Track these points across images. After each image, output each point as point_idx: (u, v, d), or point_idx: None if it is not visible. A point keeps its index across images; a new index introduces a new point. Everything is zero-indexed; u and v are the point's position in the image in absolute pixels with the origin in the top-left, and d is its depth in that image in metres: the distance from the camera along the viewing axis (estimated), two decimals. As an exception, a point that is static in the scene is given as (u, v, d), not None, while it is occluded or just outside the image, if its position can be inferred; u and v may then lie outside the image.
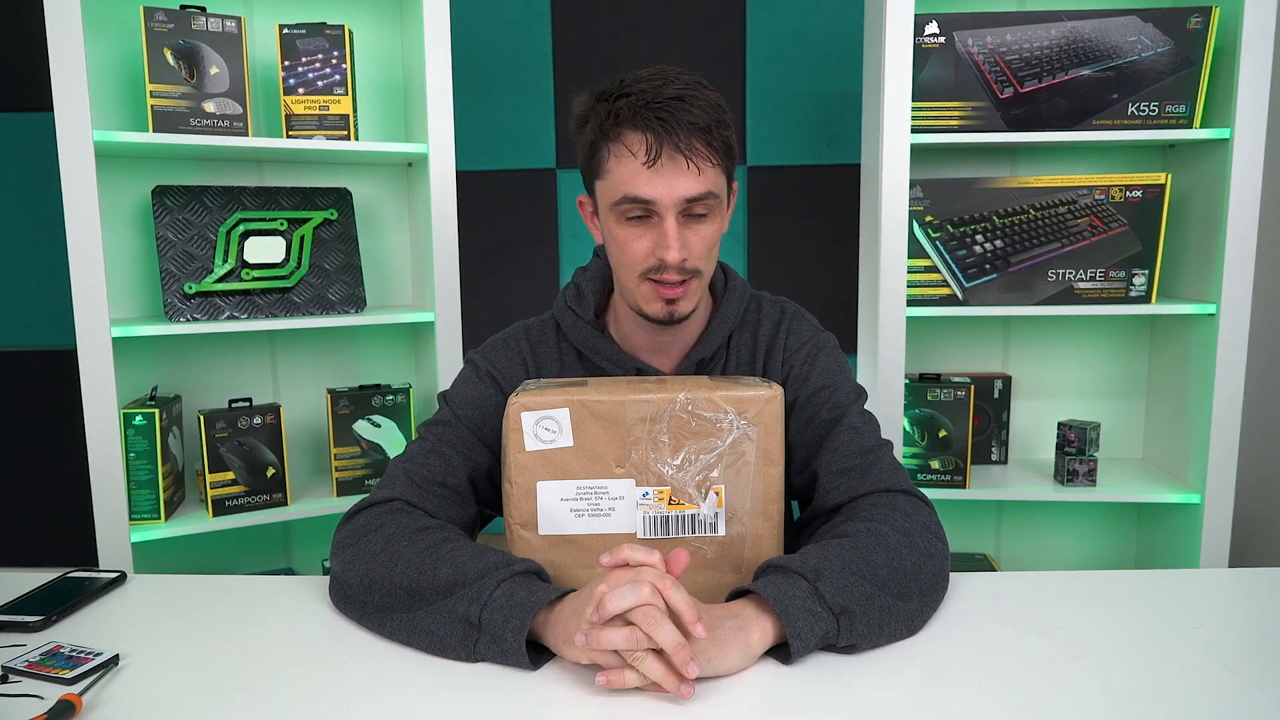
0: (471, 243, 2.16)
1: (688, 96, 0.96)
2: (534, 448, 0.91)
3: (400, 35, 2.00)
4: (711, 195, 0.99)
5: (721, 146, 0.99)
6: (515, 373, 1.12)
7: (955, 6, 1.97)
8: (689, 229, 1.00)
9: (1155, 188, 1.84)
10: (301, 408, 2.03)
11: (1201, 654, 0.84)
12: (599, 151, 1.01)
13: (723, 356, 1.12)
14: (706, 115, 0.97)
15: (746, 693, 0.78)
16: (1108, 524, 2.15)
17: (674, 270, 0.99)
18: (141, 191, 1.85)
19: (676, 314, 1.03)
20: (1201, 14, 1.78)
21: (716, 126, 0.98)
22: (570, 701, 0.77)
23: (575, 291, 1.14)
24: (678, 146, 0.96)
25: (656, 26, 2.59)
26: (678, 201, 0.97)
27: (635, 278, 1.02)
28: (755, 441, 0.91)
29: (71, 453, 2.28)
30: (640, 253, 1.01)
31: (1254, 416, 2.05)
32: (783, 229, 2.65)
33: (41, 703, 0.78)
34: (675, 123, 0.95)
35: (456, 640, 0.85)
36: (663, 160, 0.96)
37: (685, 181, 0.97)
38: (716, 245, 1.04)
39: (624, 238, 1.01)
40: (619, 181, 0.99)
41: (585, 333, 1.11)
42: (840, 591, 0.84)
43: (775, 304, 1.17)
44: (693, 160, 0.96)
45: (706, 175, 0.98)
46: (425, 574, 0.88)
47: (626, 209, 0.99)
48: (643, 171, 0.97)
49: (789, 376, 1.10)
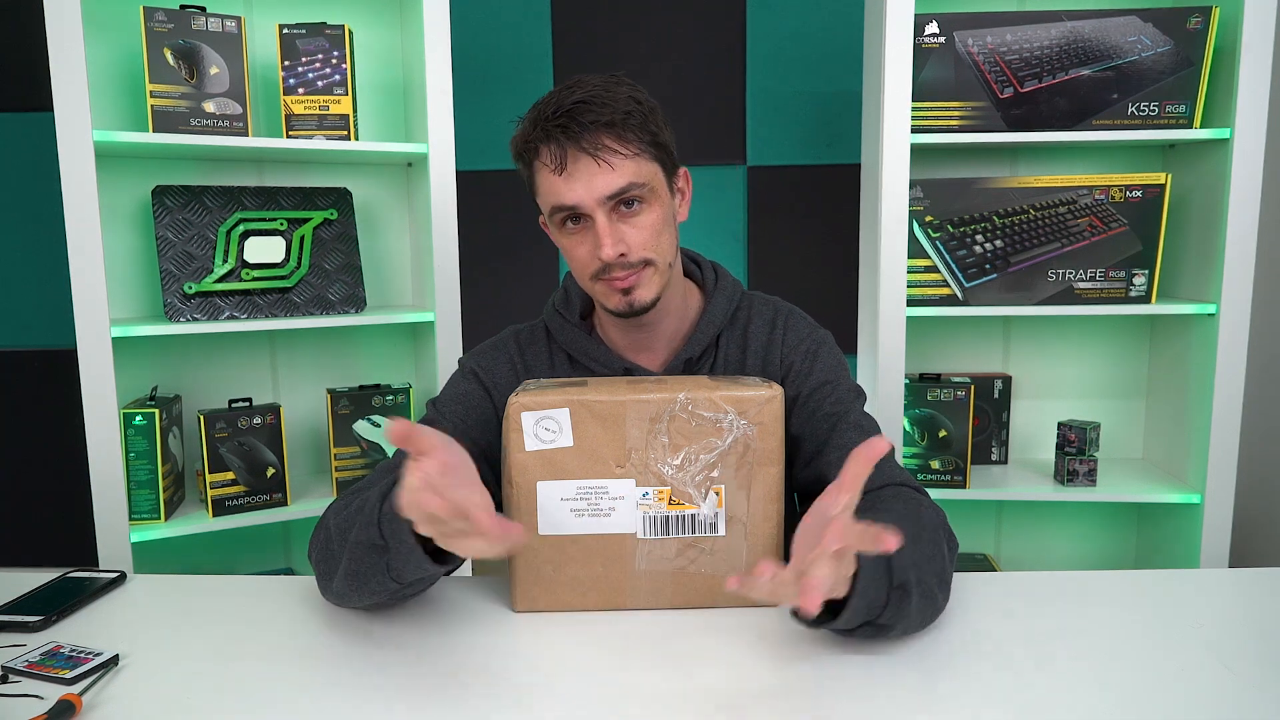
0: (471, 243, 2.16)
1: (592, 98, 0.98)
2: (534, 448, 0.91)
3: (400, 35, 2.00)
4: (634, 186, 1.00)
5: (637, 137, 0.99)
6: (503, 374, 1.13)
7: (955, 6, 1.97)
8: (624, 223, 1.01)
9: (1155, 188, 1.84)
10: (301, 408, 2.03)
11: (1201, 654, 0.84)
12: (529, 170, 1.05)
13: (711, 355, 1.13)
14: (612, 111, 0.98)
15: (745, 691, 0.78)
16: (1108, 524, 2.15)
17: (618, 266, 1.01)
18: (141, 191, 1.85)
19: (636, 303, 1.03)
20: (1201, 14, 1.78)
21: (626, 119, 0.98)
22: (574, 699, 0.77)
23: (563, 295, 1.15)
24: (582, 149, 0.98)
25: (656, 26, 2.59)
26: (599, 201, 0.99)
27: (589, 281, 1.05)
28: (755, 441, 0.91)
29: (71, 453, 2.28)
30: (585, 257, 1.03)
31: (1254, 416, 2.05)
32: (783, 229, 2.65)
33: (41, 703, 0.78)
34: (576, 127, 0.97)
35: (374, 567, 0.87)
36: (569, 165, 0.98)
37: (601, 179, 0.98)
38: (665, 232, 1.04)
39: (568, 245, 1.05)
40: (545, 195, 1.02)
41: (573, 335, 1.12)
42: (907, 566, 0.83)
43: (768, 303, 1.16)
44: (601, 158, 0.98)
45: (623, 168, 0.99)
46: (344, 527, 0.92)
47: (559, 218, 1.02)
48: (558, 180, 0.99)
49: (789, 373, 1.10)
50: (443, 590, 1.02)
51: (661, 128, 1.03)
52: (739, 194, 2.67)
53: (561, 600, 0.94)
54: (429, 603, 0.99)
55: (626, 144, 0.99)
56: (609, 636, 0.89)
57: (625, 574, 0.93)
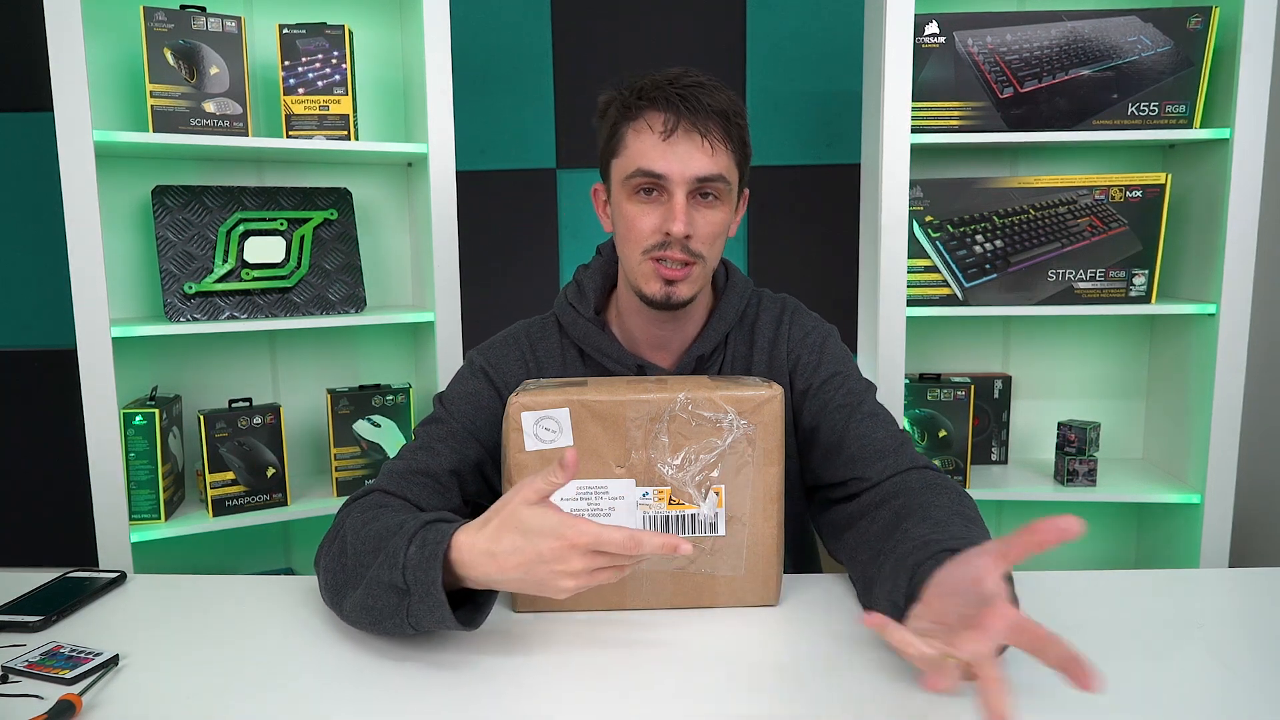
0: (471, 243, 2.16)
1: (714, 87, 1.01)
2: (534, 448, 0.91)
3: (400, 35, 2.00)
4: (723, 179, 1.01)
5: (737, 136, 1.03)
6: (514, 370, 1.12)
7: (955, 6, 1.97)
8: (697, 211, 1.02)
9: (1155, 188, 1.84)
10: (301, 408, 2.03)
11: (1201, 654, 0.84)
12: (619, 130, 1.04)
13: (721, 353, 1.13)
14: (725, 102, 1.01)
15: (745, 691, 0.78)
16: (1108, 524, 2.15)
17: (678, 247, 1.01)
18: (141, 191, 1.85)
19: (674, 296, 1.04)
20: (1201, 14, 1.78)
21: (734, 115, 1.02)
22: (573, 698, 0.77)
23: (576, 289, 1.15)
24: (694, 124, 0.99)
25: (656, 26, 2.59)
26: (689, 179, 1.00)
27: (639, 255, 1.04)
28: (755, 441, 0.91)
29: (71, 453, 2.28)
30: (647, 228, 1.03)
31: (1254, 416, 2.05)
32: (783, 229, 2.65)
33: (41, 703, 0.78)
34: (694, 102, 0.99)
35: (391, 609, 0.83)
36: (678, 134, 0.99)
37: (699, 159, 1.00)
38: (722, 237, 1.06)
39: (633, 214, 1.03)
40: (634, 155, 1.02)
41: (585, 329, 1.12)
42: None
43: (775, 300, 1.17)
44: (708, 139, 1.00)
45: (720, 158, 1.01)
46: (362, 549, 0.88)
47: (639, 182, 1.02)
48: (659, 145, 1.00)
49: (797, 366, 1.11)
50: (443, 590, 1.02)
51: (749, 143, 1.06)
52: (739, 194, 2.67)
53: (561, 600, 0.94)
54: (429, 603, 0.99)
55: (729, 138, 1.02)
56: (609, 636, 0.89)
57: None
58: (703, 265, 1.04)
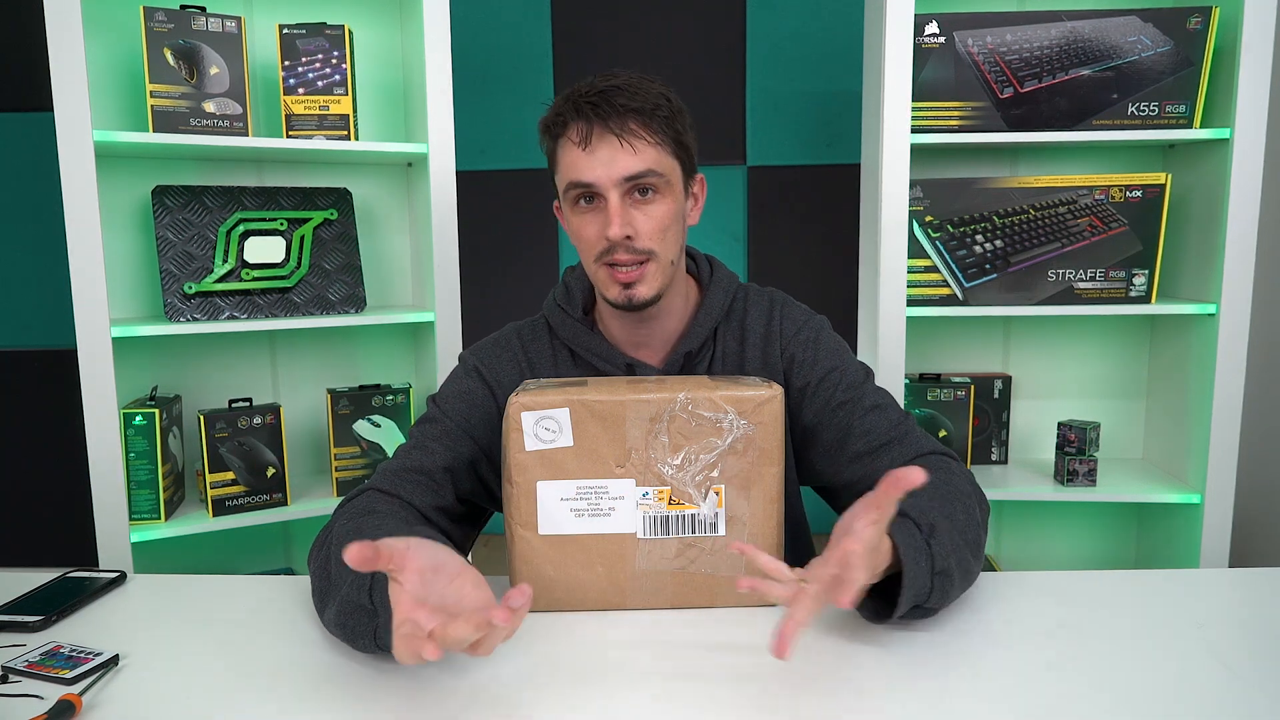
0: (471, 243, 2.16)
1: (626, 86, 1.01)
2: (534, 447, 0.91)
3: (400, 35, 2.00)
4: (652, 173, 1.01)
5: (663, 130, 1.02)
6: (507, 371, 1.13)
7: (955, 6, 1.97)
8: (636, 209, 1.02)
9: (1155, 188, 1.84)
10: (301, 408, 2.03)
11: (1201, 654, 0.84)
12: (552, 148, 1.06)
13: (710, 349, 1.13)
14: (643, 100, 1.01)
15: (745, 691, 0.78)
16: (1108, 524, 2.15)
17: (622, 250, 1.01)
18: (141, 191, 1.85)
19: (635, 298, 1.04)
20: (1201, 14, 1.78)
21: (655, 110, 1.01)
22: (573, 699, 0.77)
23: (564, 290, 1.15)
24: (608, 127, 1.00)
25: (656, 26, 2.59)
26: (617, 181, 1.00)
27: (593, 265, 1.05)
28: (755, 441, 0.91)
29: (71, 453, 2.28)
30: (592, 237, 1.04)
31: (1254, 416, 2.06)
32: (783, 229, 2.65)
33: (41, 703, 0.78)
34: (607, 106, 1.00)
35: (362, 629, 0.82)
36: (594, 141, 1.00)
37: (622, 160, 1.00)
38: (673, 229, 1.05)
39: (577, 225, 1.05)
40: (565, 170, 1.03)
41: (574, 330, 1.12)
42: (947, 553, 0.86)
43: (762, 294, 1.17)
44: (625, 139, 1.00)
45: (645, 154, 1.01)
46: (341, 560, 0.85)
47: (574, 195, 1.03)
48: (581, 156, 1.01)
49: (793, 363, 1.11)
50: (443, 590, 1.02)
51: (685, 129, 1.06)
52: (739, 194, 2.68)
53: (561, 600, 0.94)
54: (429, 603, 0.99)
55: (651, 132, 1.01)
56: (609, 636, 0.89)
57: (625, 574, 0.93)
58: (657, 261, 1.04)
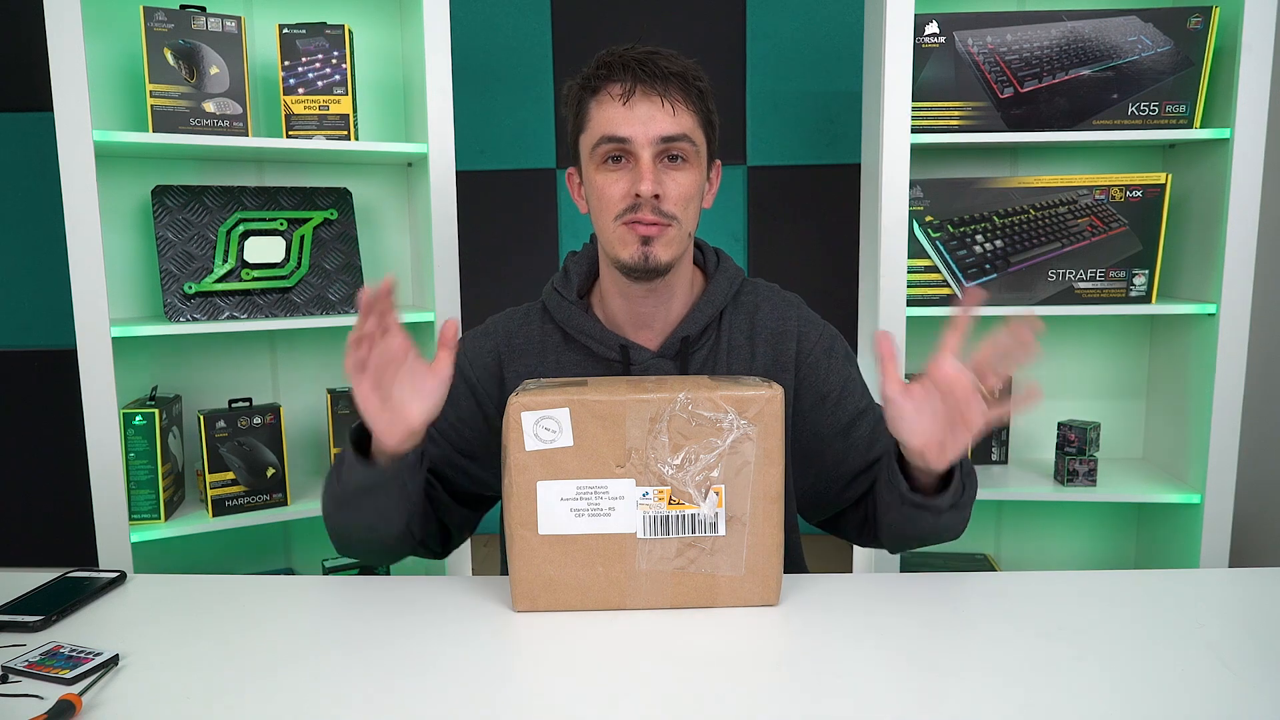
0: (471, 243, 2.16)
1: (666, 53, 1.03)
2: (534, 447, 0.91)
3: (400, 35, 2.00)
4: (687, 139, 1.03)
5: (698, 98, 1.04)
6: (485, 361, 1.15)
7: (955, 6, 1.97)
8: (665, 173, 1.03)
9: (1155, 188, 1.84)
10: (301, 408, 2.03)
11: (1201, 654, 0.84)
12: (583, 106, 1.06)
13: (713, 335, 1.13)
14: (683, 67, 1.03)
15: (745, 691, 0.78)
16: (1108, 524, 2.15)
17: (648, 208, 1.02)
18: (141, 191, 1.85)
19: (652, 256, 1.04)
20: (1201, 14, 1.78)
21: (693, 78, 1.04)
22: (573, 698, 0.77)
23: (563, 275, 1.17)
24: (653, 86, 1.01)
25: (656, 27, 2.59)
26: (653, 140, 1.02)
27: (612, 223, 1.05)
28: (755, 441, 0.91)
29: (71, 453, 2.28)
30: (618, 194, 1.04)
31: (1254, 416, 2.05)
32: (783, 229, 2.65)
33: (41, 703, 0.78)
34: (651, 66, 1.02)
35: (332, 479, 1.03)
36: (637, 97, 1.01)
37: (661, 120, 1.02)
38: (695, 201, 1.07)
39: (602, 183, 1.05)
40: (599, 125, 1.04)
41: (569, 312, 1.13)
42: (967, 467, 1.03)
43: (772, 290, 1.18)
44: (667, 99, 1.01)
45: (682, 118, 1.03)
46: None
47: (605, 150, 1.03)
48: (620, 110, 1.02)
49: (807, 370, 1.13)
50: (443, 590, 1.02)
51: (714, 110, 1.08)
52: (739, 194, 2.68)
53: (561, 600, 0.94)
54: (429, 603, 0.99)
55: (689, 100, 1.03)
56: (609, 636, 0.89)
57: (625, 574, 0.93)
58: (678, 227, 1.04)
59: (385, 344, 0.95)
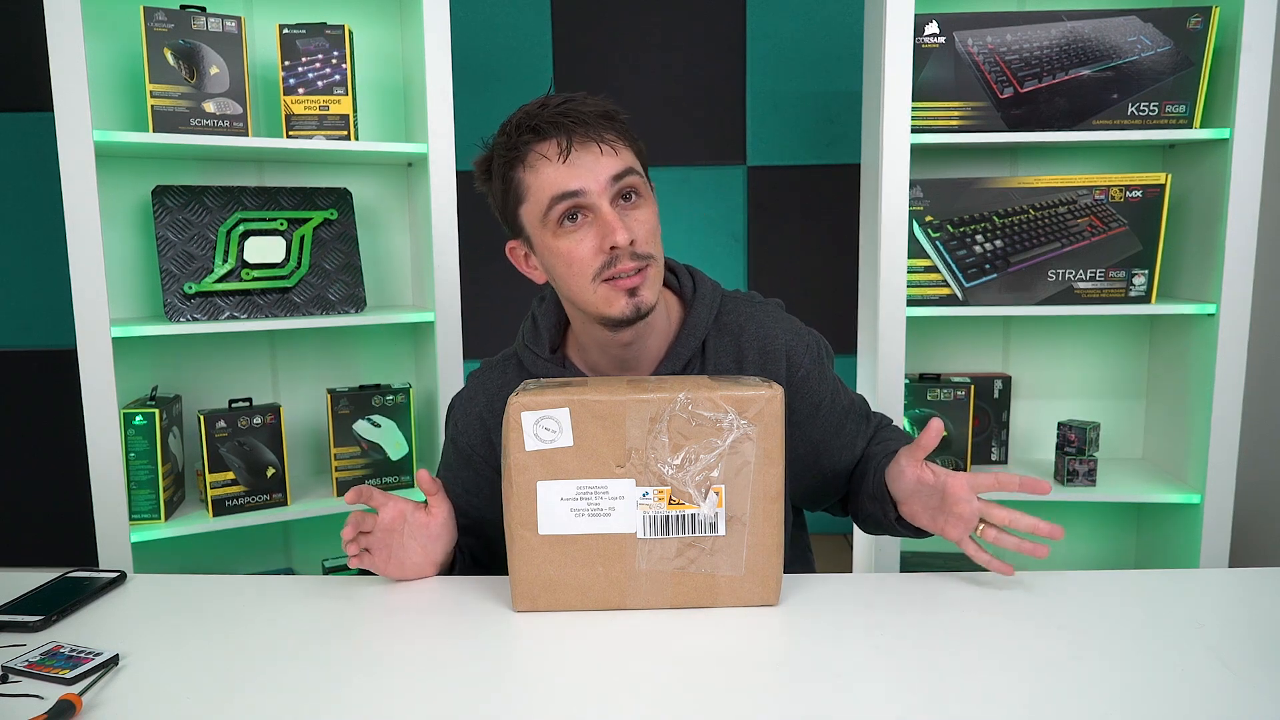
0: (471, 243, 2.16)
1: (581, 98, 1.00)
2: (534, 447, 0.91)
3: (400, 35, 2.00)
4: (633, 171, 1.00)
5: (627, 133, 1.02)
6: (473, 436, 1.14)
7: (955, 6, 1.97)
8: (627, 215, 1.00)
9: (1155, 188, 1.84)
10: (301, 408, 2.03)
11: (1201, 654, 0.84)
12: (512, 178, 1.01)
13: (697, 365, 1.10)
14: (602, 105, 1.00)
15: (745, 691, 0.78)
16: (1108, 524, 2.15)
17: (626, 256, 0.98)
18: (141, 191, 1.85)
19: (643, 305, 1.00)
20: (1201, 14, 1.78)
21: (617, 114, 1.01)
22: (573, 698, 0.77)
23: (533, 328, 1.13)
24: (587, 134, 0.98)
25: (656, 26, 2.59)
26: (605, 184, 0.98)
27: (590, 285, 1.00)
28: (755, 441, 0.91)
29: (71, 453, 2.29)
30: (588, 253, 0.99)
31: (1254, 416, 2.06)
32: (783, 229, 2.65)
33: (41, 703, 0.78)
34: (576, 115, 0.98)
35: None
36: (575, 150, 0.97)
37: (605, 164, 0.98)
38: (658, 232, 1.04)
39: (568, 247, 1.00)
40: (543, 189, 0.99)
41: (545, 369, 1.11)
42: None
43: (753, 303, 1.14)
44: (604, 143, 0.98)
45: (623, 154, 1.00)
46: None
47: (561, 210, 0.98)
48: (561, 169, 0.98)
49: (799, 385, 1.10)
50: (443, 590, 1.02)
51: (638, 138, 1.05)
52: (739, 194, 2.68)
53: (561, 600, 0.94)
54: (429, 603, 0.99)
55: (620, 135, 1.00)
56: (609, 636, 0.89)
57: (625, 574, 0.93)
58: (655, 264, 1.02)
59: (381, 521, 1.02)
